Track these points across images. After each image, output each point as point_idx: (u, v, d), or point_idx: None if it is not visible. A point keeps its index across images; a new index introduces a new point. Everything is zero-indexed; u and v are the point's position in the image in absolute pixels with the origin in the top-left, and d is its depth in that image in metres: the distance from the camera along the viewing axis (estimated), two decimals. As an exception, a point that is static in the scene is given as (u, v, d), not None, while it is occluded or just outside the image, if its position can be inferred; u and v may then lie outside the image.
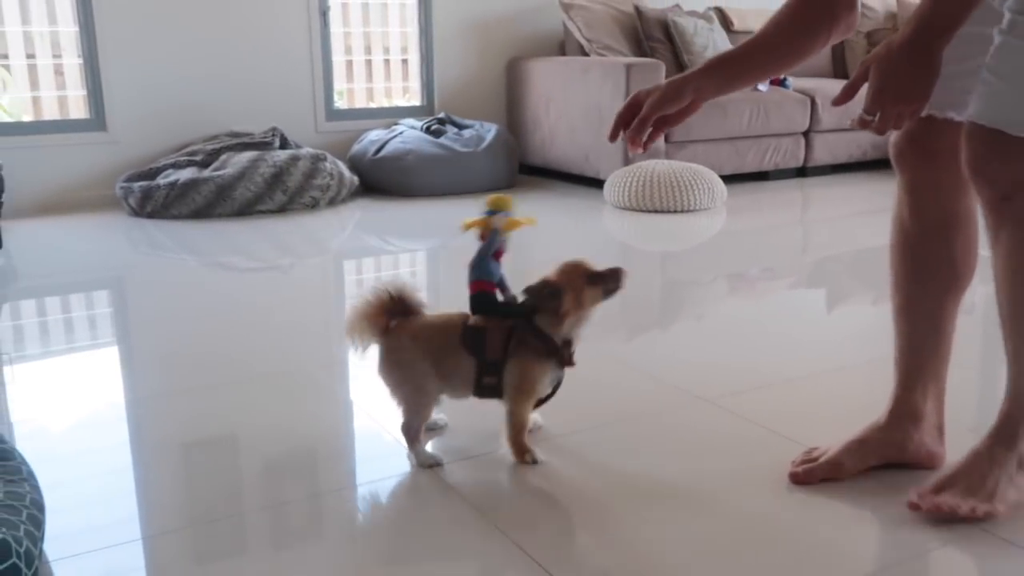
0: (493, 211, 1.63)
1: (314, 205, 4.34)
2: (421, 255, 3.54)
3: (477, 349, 1.61)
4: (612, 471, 1.60)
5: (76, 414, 1.92)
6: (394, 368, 1.64)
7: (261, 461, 1.67)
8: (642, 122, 1.46)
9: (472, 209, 1.68)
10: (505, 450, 1.64)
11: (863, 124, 1.35)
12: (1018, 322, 1.35)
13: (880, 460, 1.57)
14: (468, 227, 1.63)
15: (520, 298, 1.62)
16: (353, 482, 1.59)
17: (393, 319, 1.64)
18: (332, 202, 4.43)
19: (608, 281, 1.59)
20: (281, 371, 2.16)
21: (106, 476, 1.61)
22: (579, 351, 1.62)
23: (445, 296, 2.76)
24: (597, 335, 2.45)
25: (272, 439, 1.75)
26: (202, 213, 4.12)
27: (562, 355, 1.60)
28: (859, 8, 1.45)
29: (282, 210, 4.25)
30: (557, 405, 1.80)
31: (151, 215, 4.14)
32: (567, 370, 1.63)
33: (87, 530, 1.41)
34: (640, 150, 1.49)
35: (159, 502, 1.52)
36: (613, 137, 1.51)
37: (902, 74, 1.30)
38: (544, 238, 1.63)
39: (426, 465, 1.62)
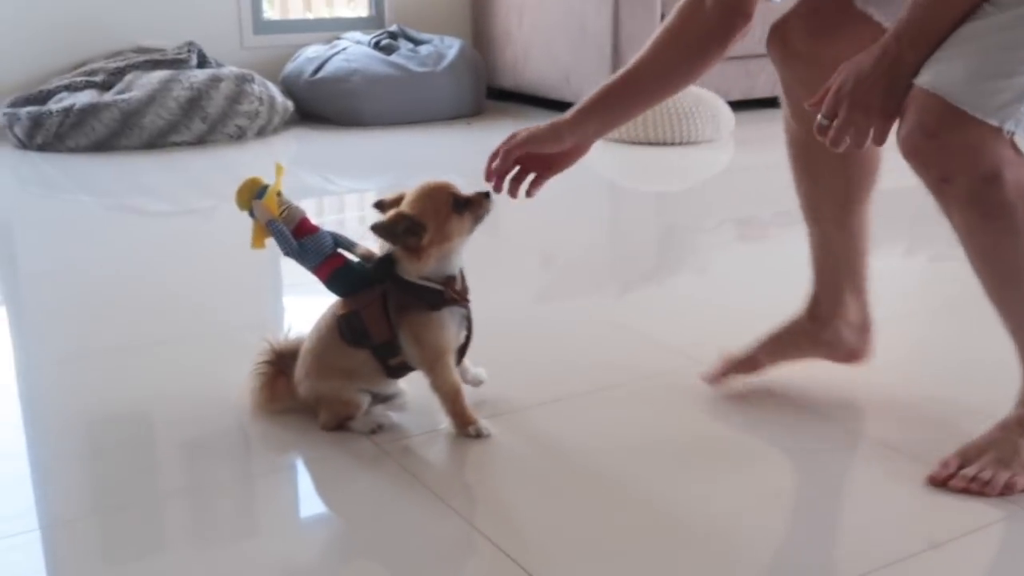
0: (251, 211, 1.64)
1: (240, 136, 4.31)
2: (369, 196, 3.53)
3: (361, 339, 1.59)
4: (590, 447, 1.62)
5: (-45, 385, 1.91)
6: (319, 410, 1.65)
7: (179, 438, 1.67)
8: (506, 154, 1.57)
9: (433, 139, 1.69)
10: (446, 425, 1.63)
11: (821, 131, 1.41)
12: (1005, 303, 1.44)
13: (798, 355, 1.76)
14: (261, 245, 1.64)
15: (371, 242, 1.62)
16: (288, 463, 1.61)
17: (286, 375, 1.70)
18: (261, 132, 4.40)
19: (477, 207, 1.57)
20: (202, 332, 2.16)
21: (-7, 458, 1.61)
22: (563, 311, 1.62)
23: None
24: (583, 292, 2.47)
25: (192, 412, 1.75)
26: (104, 145, 4.07)
27: (449, 296, 1.58)
28: (754, 14, 1.51)
29: (201, 142, 4.21)
30: (531, 373, 1.82)
31: (42, 147, 4.08)
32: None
33: (-28, 522, 1.41)
34: (504, 190, 1.61)
35: (59, 488, 1.52)
36: (488, 176, 1.60)
37: (866, 79, 1.36)
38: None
39: (367, 431, 1.62)
